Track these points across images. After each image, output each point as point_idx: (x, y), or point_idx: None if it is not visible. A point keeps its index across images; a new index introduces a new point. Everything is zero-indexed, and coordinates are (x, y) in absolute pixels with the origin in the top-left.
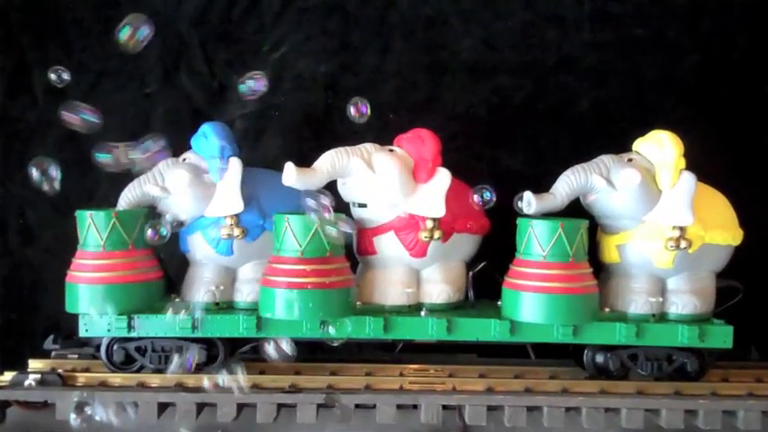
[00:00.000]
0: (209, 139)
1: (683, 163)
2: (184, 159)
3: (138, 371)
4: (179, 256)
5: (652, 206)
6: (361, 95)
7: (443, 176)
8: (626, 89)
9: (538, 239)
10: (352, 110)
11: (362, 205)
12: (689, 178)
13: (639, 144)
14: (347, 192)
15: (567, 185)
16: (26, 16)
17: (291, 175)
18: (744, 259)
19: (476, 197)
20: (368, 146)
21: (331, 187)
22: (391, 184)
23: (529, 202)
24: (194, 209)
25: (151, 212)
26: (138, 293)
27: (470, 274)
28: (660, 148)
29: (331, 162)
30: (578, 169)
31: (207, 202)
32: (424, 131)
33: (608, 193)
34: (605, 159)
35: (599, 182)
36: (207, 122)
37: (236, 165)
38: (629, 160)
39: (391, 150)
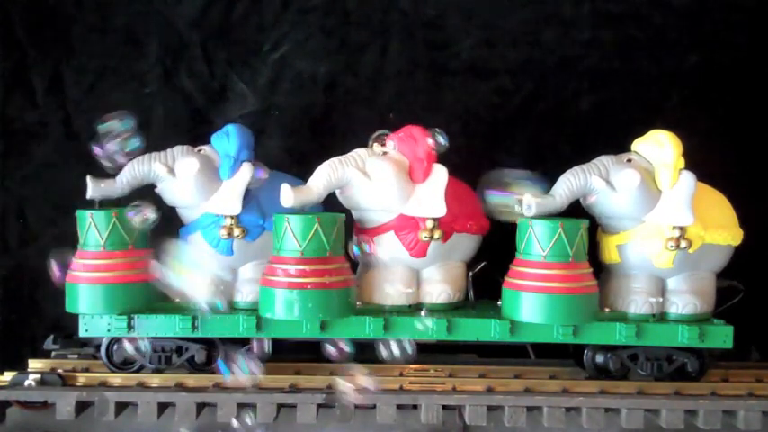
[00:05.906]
0: (230, 138)
1: (682, 163)
2: (200, 150)
3: (137, 371)
4: None
5: (652, 206)
6: (361, 95)
7: (440, 174)
8: (626, 89)
9: (538, 239)
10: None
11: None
12: (689, 178)
13: (638, 144)
14: (346, 200)
15: (566, 187)
16: (26, 16)
17: (289, 196)
18: (744, 259)
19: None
20: (361, 152)
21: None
22: (388, 189)
23: (529, 204)
24: (194, 198)
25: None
26: (138, 293)
27: (470, 274)
28: (659, 147)
29: (326, 177)
30: (578, 171)
31: (208, 196)
32: (415, 129)
33: (608, 194)
34: (604, 160)
35: (598, 183)
36: (232, 124)
37: (246, 170)
38: (629, 161)
39: (385, 153)
